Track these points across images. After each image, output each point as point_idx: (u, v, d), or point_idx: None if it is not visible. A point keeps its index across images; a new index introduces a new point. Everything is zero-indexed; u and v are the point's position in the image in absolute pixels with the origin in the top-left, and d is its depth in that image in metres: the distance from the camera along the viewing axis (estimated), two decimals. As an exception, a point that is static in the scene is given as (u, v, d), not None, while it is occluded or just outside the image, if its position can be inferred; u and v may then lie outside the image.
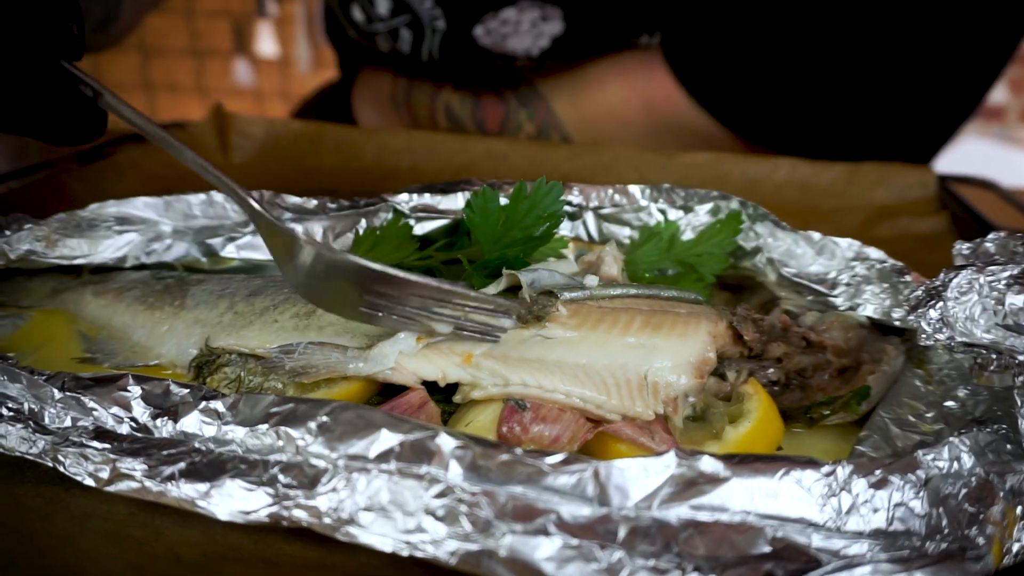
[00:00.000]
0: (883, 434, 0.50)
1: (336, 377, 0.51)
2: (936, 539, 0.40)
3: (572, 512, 0.40)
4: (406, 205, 0.66)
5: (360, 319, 0.50)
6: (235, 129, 1.07)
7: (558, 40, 1.08)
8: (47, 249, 0.64)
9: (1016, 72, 2.69)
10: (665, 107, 1.05)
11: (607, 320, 0.53)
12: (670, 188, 0.67)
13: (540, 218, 0.60)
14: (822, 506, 0.41)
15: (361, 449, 0.43)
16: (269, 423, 0.45)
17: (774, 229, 0.65)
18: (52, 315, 0.65)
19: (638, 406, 0.49)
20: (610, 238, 0.68)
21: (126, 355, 0.58)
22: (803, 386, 0.56)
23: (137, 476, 0.45)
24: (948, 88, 1.01)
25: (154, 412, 0.48)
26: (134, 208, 0.67)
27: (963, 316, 0.49)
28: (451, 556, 0.40)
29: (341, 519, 0.42)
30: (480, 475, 0.41)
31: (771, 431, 0.52)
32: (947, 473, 0.42)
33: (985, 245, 0.53)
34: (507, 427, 0.48)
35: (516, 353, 0.51)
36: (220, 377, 0.54)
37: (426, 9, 1.07)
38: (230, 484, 0.43)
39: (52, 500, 0.47)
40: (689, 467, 0.41)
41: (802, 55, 0.98)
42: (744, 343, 0.55)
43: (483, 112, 1.17)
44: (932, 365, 0.57)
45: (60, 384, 0.49)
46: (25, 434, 0.48)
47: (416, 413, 0.50)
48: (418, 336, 0.51)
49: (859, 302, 0.60)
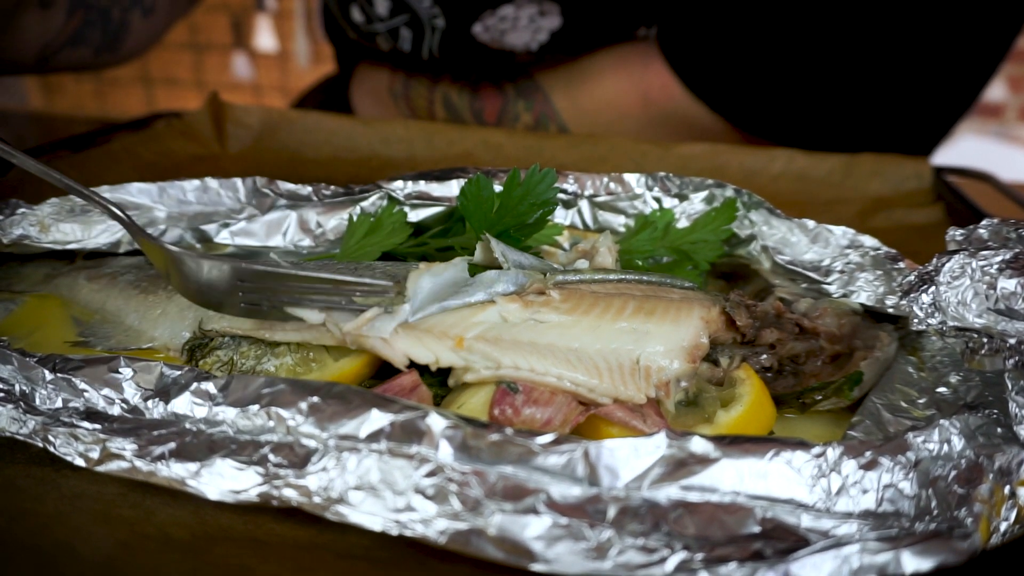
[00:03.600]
0: (875, 419, 0.50)
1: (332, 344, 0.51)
2: (925, 520, 0.40)
3: (562, 492, 0.40)
4: (401, 192, 0.66)
5: (244, 314, 0.52)
6: (231, 118, 1.07)
7: (556, 35, 1.08)
8: (41, 234, 0.64)
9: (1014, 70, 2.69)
10: (662, 98, 1.05)
11: (600, 305, 0.53)
12: (665, 176, 0.67)
13: (534, 205, 0.60)
14: (812, 487, 0.41)
15: (352, 429, 0.43)
16: (260, 404, 0.45)
17: (769, 217, 0.65)
18: (46, 300, 0.65)
19: (630, 390, 0.49)
20: (605, 226, 0.68)
21: (119, 338, 0.58)
22: (796, 372, 0.56)
23: (127, 456, 0.45)
24: (945, 80, 1.01)
25: (145, 393, 0.48)
26: (128, 194, 0.67)
27: (955, 301, 0.49)
28: (441, 535, 0.40)
29: (331, 498, 0.42)
30: (470, 455, 0.41)
31: (763, 416, 0.52)
32: (937, 455, 0.42)
33: (978, 231, 0.53)
34: (499, 409, 0.48)
35: (508, 336, 0.51)
36: (213, 360, 0.53)
37: (425, 8, 1.07)
38: (220, 464, 0.43)
39: (42, 480, 0.47)
40: (679, 448, 0.41)
41: (799, 45, 0.98)
42: (737, 329, 0.55)
43: (481, 103, 1.17)
44: (925, 352, 0.57)
45: (51, 365, 0.49)
46: (16, 415, 0.48)
47: (408, 396, 0.50)
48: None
49: (853, 289, 0.60)
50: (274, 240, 0.67)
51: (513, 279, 0.54)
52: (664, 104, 1.05)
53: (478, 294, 0.53)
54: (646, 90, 1.06)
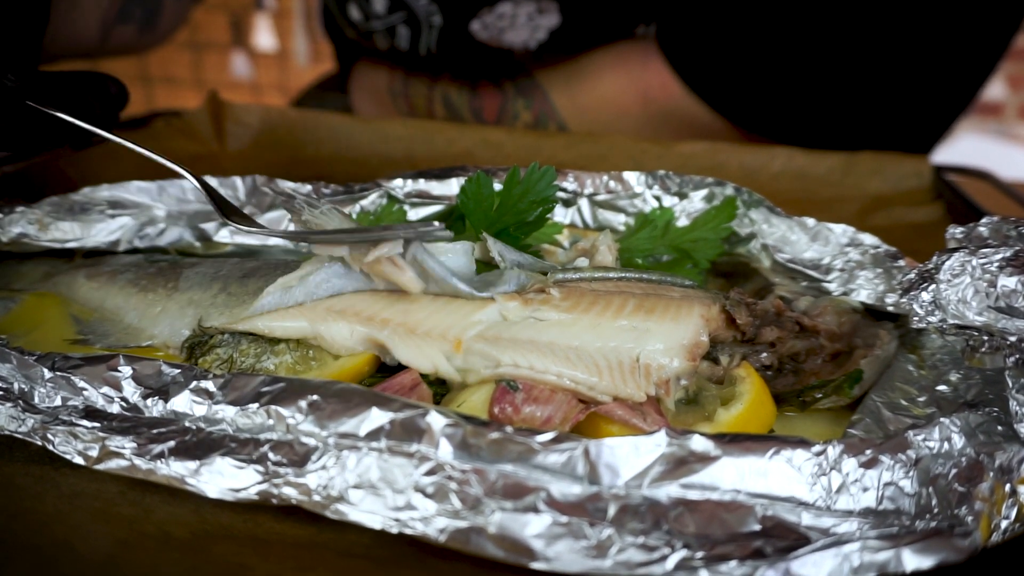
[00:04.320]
0: (875, 418, 0.50)
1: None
2: (926, 518, 0.40)
3: (562, 490, 0.40)
4: (400, 191, 0.66)
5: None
6: (230, 117, 1.06)
7: (555, 33, 1.08)
8: (39, 232, 0.64)
9: (1014, 68, 2.69)
10: (661, 96, 1.05)
11: (600, 303, 0.53)
12: (665, 175, 0.67)
13: (533, 203, 0.60)
14: (812, 485, 0.41)
15: (351, 427, 0.43)
16: (259, 402, 0.45)
17: (769, 215, 0.65)
18: (44, 298, 0.65)
19: (630, 388, 0.49)
20: (605, 225, 0.68)
21: (119, 336, 0.58)
22: (796, 370, 0.56)
23: (126, 454, 0.45)
24: (944, 78, 1.01)
25: (145, 392, 0.48)
26: (127, 192, 0.67)
27: (955, 298, 0.48)
28: (441, 533, 0.40)
29: (331, 496, 0.42)
30: (470, 453, 0.41)
31: (763, 414, 0.52)
32: (937, 453, 0.42)
33: (978, 229, 0.53)
34: (499, 408, 0.48)
35: (508, 335, 0.51)
36: (212, 358, 0.53)
37: (422, 5, 1.07)
38: (220, 462, 0.43)
39: (42, 478, 0.47)
40: (680, 446, 0.41)
41: (798, 43, 0.98)
42: (737, 327, 0.55)
43: (481, 102, 1.17)
44: (925, 350, 0.57)
45: (50, 364, 0.49)
46: (15, 413, 0.48)
47: (408, 394, 0.49)
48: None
49: (853, 287, 0.60)
50: (273, 239, 0.67)
51: (515, 279, 0.53)
52: (664, 102, 1.05)
53: (484, 291, 0.52)
54: (645, 88, 1.06)
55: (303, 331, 0.52)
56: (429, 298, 0.52)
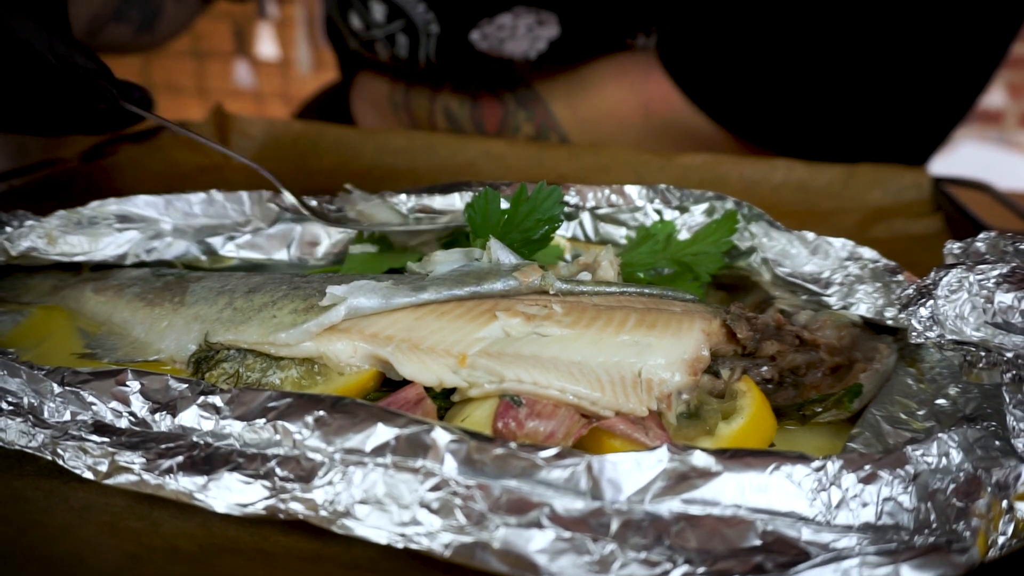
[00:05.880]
0: (875, 431, 0.51)
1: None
2: (924, 533, 0.40)
3: (565, 505, 0.40)
4: (404, 206, 0.67)
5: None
6: (235, 129, 1.08)
7: (555, 43, 1.09)
8: (48, 246, 0.65)
9: (1014, 76, 2.69)
10: (662, 108, 1.06)
11: (602, 318, 0.54)
12: (666, 188, 0.68)
13: (539, 221, 0.61)
14: (812, 500, 0.41)
15: (357, 443, 0.43)
16: (267, 417, 0.45)
17: (769, 229, 0.65)
18: (52, 311, 0.65)
19: (632, 402, 0.50)
20: (606, 238, 0.69)
21: (126, 351, 0.58)
22: (796, 384, 0.57)
23: (135, 469, 0.45)
24: (942, 89, 1.01)
25: (153, 406, 0.48)
26: (135, 206, 0.67)
27: (953, 314, 0.49)
28: (445, 548, 0.40)
29: (337, 512, 0.42)
30: (475, 469, 0.42)
31: (764, 428, 0.52)
32: (936, 468, 0.43)
33: (976, 244, 0.53)
34: (502, 423, 0.49)
35: (511, 350, 0.51)
36: (219, 372, 0.54)
37: (419, 14, 1.08)
38: (228, 477, 0.44)
39: (51, 493, 0.48)
40: (681, 461, 0.42)
41: (798, 55, 0.98)
42: (738, 341, 0.56)
43: (482, 114, 1.17)
44: (924, 364, 0.57)
45: (59, 378, 0.50)
46: (25, 428, 0.49)
47: (413, 409, 0.50)
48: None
49: (852, 301, 0.60)
50: (279, 254, 0.68)
51: (508, 263, 0.54)
52: (665, 114, 1.06)
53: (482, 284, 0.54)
54: (647, 100, 1.07)
55: (307, 351, 0.53)
56: (433, 315, 0.53)
